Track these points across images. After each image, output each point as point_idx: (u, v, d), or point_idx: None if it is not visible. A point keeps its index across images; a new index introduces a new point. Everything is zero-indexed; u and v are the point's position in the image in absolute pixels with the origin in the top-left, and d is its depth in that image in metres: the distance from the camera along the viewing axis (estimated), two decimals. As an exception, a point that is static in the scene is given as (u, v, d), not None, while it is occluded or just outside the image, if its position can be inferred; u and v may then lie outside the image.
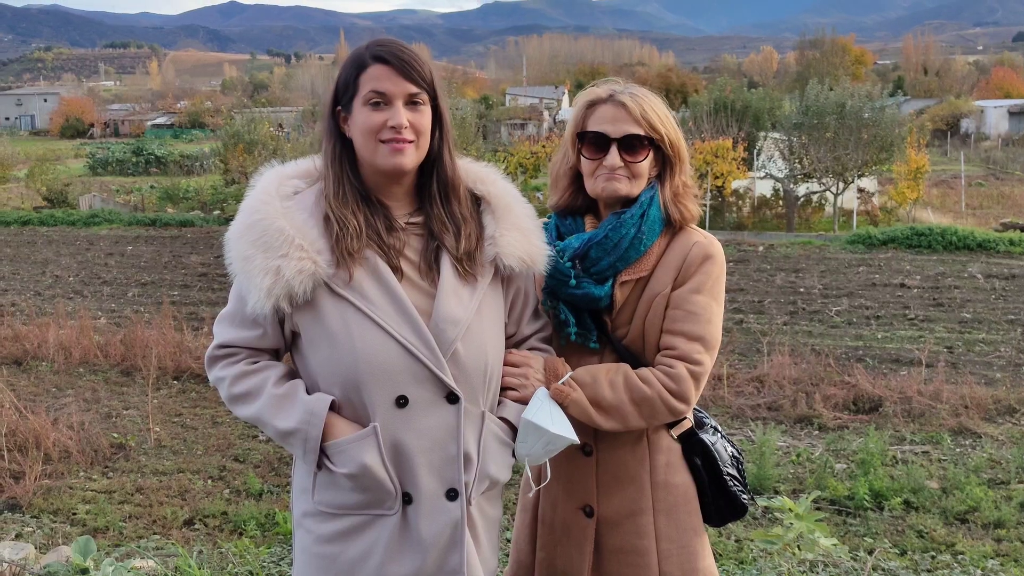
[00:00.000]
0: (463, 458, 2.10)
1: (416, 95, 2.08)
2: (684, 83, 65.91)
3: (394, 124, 2.05)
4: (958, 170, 33.92)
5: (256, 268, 2.03)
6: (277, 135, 33.48)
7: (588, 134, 2.35)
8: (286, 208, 2.09)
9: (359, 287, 2.05)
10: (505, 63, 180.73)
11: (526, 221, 2.24)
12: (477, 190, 2.25)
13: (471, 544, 2.14)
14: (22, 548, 5.18)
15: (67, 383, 10.20)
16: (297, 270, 2.01)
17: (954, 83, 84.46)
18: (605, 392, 2.24)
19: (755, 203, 26.85)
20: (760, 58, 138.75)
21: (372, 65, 2.08)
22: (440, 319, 2.07)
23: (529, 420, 2.17)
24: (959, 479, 6.63)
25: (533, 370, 2.27)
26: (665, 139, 2.33)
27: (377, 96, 2.06)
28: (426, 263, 2.13)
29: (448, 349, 2.07)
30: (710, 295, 2.30)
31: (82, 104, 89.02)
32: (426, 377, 2.05)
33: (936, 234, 19.75)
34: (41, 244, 22.81)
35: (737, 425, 8.33)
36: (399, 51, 2.08)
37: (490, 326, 2.18)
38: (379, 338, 2.03)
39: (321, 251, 2.04)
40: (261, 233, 2.05)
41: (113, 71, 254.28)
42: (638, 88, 2.38)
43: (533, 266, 2.23)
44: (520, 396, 2.24)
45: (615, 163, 2.30)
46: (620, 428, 2.27)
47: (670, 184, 2.36)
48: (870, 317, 13.66)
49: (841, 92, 25.79)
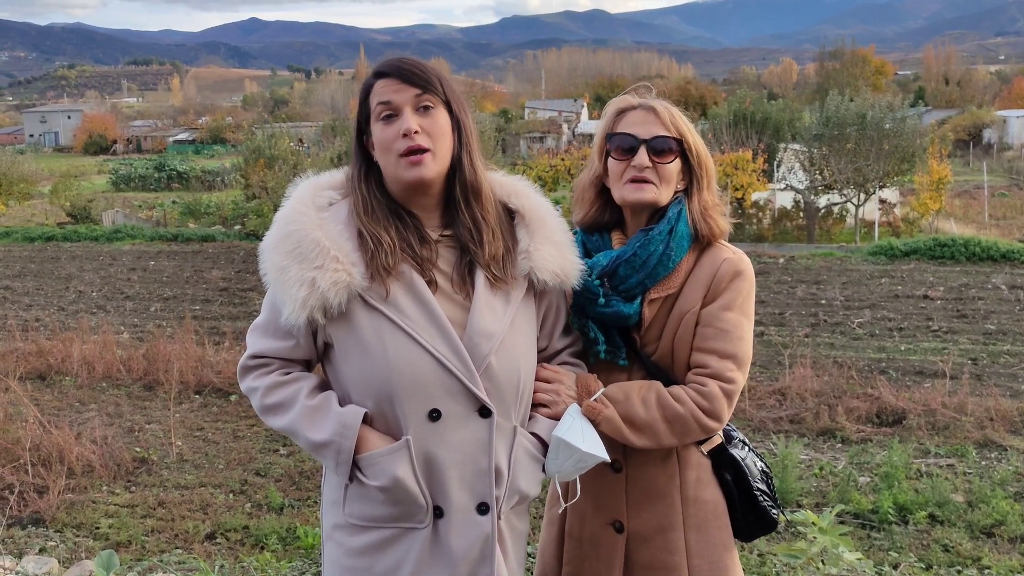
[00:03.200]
0: (494, 472, 2.09)
1: (422, 97, 2.07)
2: (703, 95, 65.78)
3: (404, 129, 2.04)
4: (980, 180, 33.69)
5: (291, 279, 2.03)
6: (297, 150, 33.61)
7: (617, 135, 2.34)
8: (322, 219, 2.09)
9: (394, 299, 2.05)
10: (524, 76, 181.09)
11: (560, 235, 2.23)
12: (511, 204, 2.24)
13: (501, 558, 2.13)
14: (46, 562, 5.21)
15: (90, 398, 10.27)
16: (332, 282, 2.01)
17: (976, 93, 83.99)
18: (638, 410, 2.23)
19: (775, 215, 26.76)
20: (779, 69, 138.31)
21: (376, 82, 2.10)
22: (474, 332, 2.07)
23: (560, 438, 2.16)
24: (985, 492, 6.56)
25: (565, 386, 2.26)
26: (693, 148, 2.32)
27: (385, 108, 2.07)
28: (459, 276, 2.13)
29: (482, 363, 2.06)
30: (741, 312, 2.28)
31: (105, 121, 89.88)
32: (459, 391, 2.05)
33: (959, 245, 19.61)
34: (65, 260, 23.02)
35: (759, 438, 8.28)
36: (399, 62, 2.09)
37: (523, 340, 2.17)
38: (413, 351, 2.03)
39: (356, 263, 2.04)
40: (297, 244, 2.05)
41: (135, 88, 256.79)
42: (664, 101, 2.38)
43: (566, 280, 2.22)
44: (552, 413, 2.23)
45: (643, 162, 2.28)
46: (652, 446, 2.26)
47: (698, 198, 2.34)
48: (893, 329, 13.56)
49: (861, 103, 25.71)
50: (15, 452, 7.50)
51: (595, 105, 76.39)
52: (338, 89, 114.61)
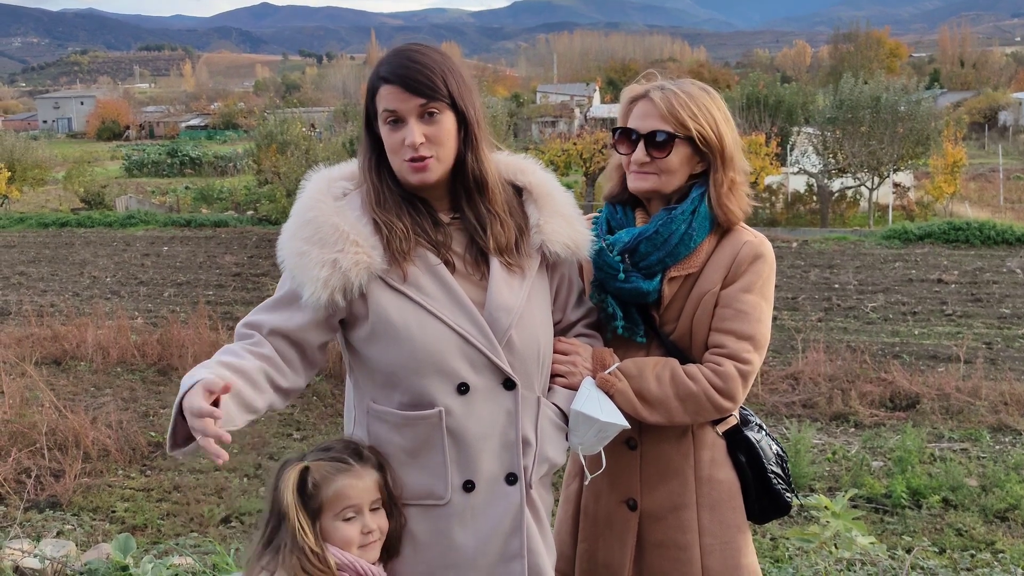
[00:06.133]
0: (522, 443, 2.14)
1: (427, 106, 2.07)
2: (716, 78, 65.46)
3: (408, 142, 2.06)
4: (996, 163, 33.47)
5: (312, 261, 2.04)
6: (309, 135, 33.65)
7: (618, 130, 2.39)
8: (338, 207, 2.11)
9: (414, 281, 2.08)
10: (536, 60, 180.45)
11: (568, 208, 2.27)
12: (518, 181, 2.28)
13: (533, 528, 2.18)
14: (63, 545, 5.25)
15: (105, 382, 10.34)
16: (354, 262, 2.03)
17: (991, 75, 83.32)
18: (651, 385, 2.25)
19: (788, 199, 26.66)
20: (793, 52, 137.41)
21: (381, 86, 2.10)
22: (493, 307, 2.11)
23: (579, 411, 2.20)
24: (999, 476, 6.54)
25: (581, 358, 2.30)
26: (696, 135, 2.31)
27: (391, 115, 2.08)
28: (472, 257, 2.16)
29: (503, 336, 2.10)
30: (760, 295, 2.30)
31: (117, 106, 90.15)
32: (484, 364, 2.09)
33: (974, 228, 19.51)
34: (79, 245, 23.13)
35: (772, 423, 8.28)
36: (405, 66, 2.07)
37: (540, 312, 2.21)
38: (438, 328, 2.06)
39: (375, 247, 2.07)
40: (315, 230, 2.07)
41: (148, 73, 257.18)
42: (679, 84, 2.36)
43: (577, 251, 2.25)
44: (569, 383, 2.27)
45: (640, 158, 2.32)
46: (665, 422, 2.28)
47: (714, 181, 2.34)
48: (907, 313, 13.51)
49: (876, 86, 25.55)
50: (32, 436, 7.56)
51: (607, 89, 76.11)
52: (350, 74, 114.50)
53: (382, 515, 2.10)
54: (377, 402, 2.15)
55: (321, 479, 2.05)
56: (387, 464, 2.12)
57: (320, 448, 2.15)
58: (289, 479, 2.04)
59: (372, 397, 2.16)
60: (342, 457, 2.08)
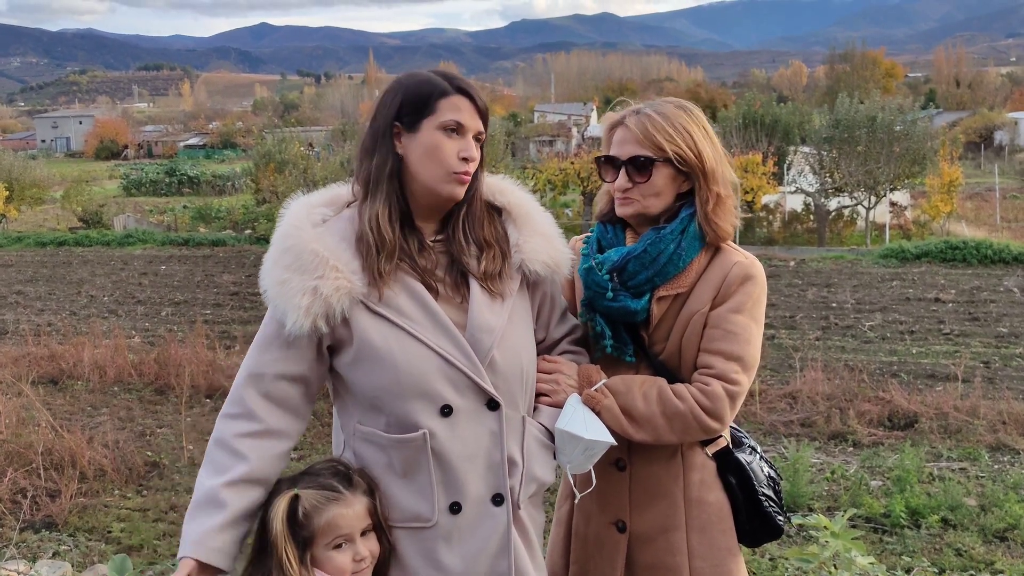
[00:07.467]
0: (508, 463, 2.13)
1: (481, 134, 2.17)
2: (713, 98, 65.68)
3: (467, 156, 2.12)
4: (992, 183, 33.56)
5: (293, 290, 2.05)
6: (307, 154, 33.70)
7: (600, 158, 2.42)
8: (318, 234, 2.11)
9: (396, 304, 2.09)
10: (533, 80, 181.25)
11: (547, 227, 2.29)
12: (497, 201, 2.29)
13: (521, 548, 2.17)
14: (59, 567, 5.23)
15: (102, 402, 10.31)
16: (334, 288, 2.03)
17: (987, 95, 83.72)
18: (638, 403, 2.25)
19: (786, 218, 26.72)
20: (789, 72, 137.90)
21: (455, 95, 2.13)
22: (475, 328, 2.11)
23: (563, 429, 2.19)
24: (998, 496, 6.53)
25: (564, 376, 2.30)
26: (673, 156, 2.31)
27: (456, 125, 2.12)
28: (452, 279, 2.17)
29: (486, 357, 2.10)
30: (750, 316, 2.30)
31: (116, 126, 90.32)
32: (467, 386, 2.09)
33: (971, 248, 19.54)
34: (76, 264, 23.12)
35: (770, 442, 8.26)
36: (476, 92, 2.18)
37: (522, 332, 2.22)
38: (419, 351, 2.06)
39: (356, 271, 2.07)
40: (295, 257, 2.07)
41: (146, 93, 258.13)
42: (655, 106, 2.37)
43: (557, 270, 2.27)
44: (553, 401, 2.27)
45: (622, 184, 2.35)
46: (652, 441, 2.27)
47: (699, 198, 2.35)
48: (904, 332, 13.51)
49: (872, 105, 25.65)
50: (28, 456, 7.53)
51: (604, 108, 76.28)
52: (348, 94, 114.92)
53: (373, 539, 2.10)
54: (363, 424, 2.15)
55: (312, 508, 2.06)
56: (376, 487, 2.12)
57: (310, 472, 2.14)
58: (279, 508, 2.05)
59: (358, 419, 2.16)
60: (332, 485, 2.08)
